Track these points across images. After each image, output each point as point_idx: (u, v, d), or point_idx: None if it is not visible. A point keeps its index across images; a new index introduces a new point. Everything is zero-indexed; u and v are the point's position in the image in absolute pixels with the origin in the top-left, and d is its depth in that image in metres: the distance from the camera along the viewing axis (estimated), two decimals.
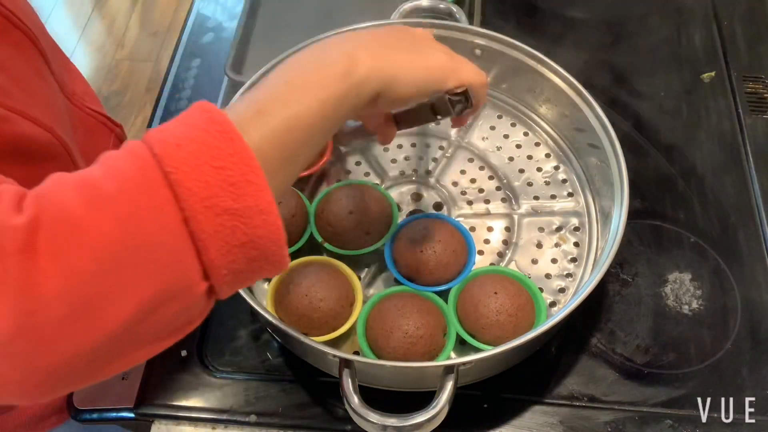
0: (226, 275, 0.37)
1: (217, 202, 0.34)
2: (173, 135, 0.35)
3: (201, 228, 0.34)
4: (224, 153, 0.35)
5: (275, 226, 0.37)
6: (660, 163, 0.75)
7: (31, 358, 0.32)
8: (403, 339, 0.55)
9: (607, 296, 0.66)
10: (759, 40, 0.86)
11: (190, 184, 0.34)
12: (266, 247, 0.37)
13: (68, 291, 0.32)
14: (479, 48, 0.72)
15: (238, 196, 0.35)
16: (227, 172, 0.35)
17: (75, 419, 0.63)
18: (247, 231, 0.36)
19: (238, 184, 0.35)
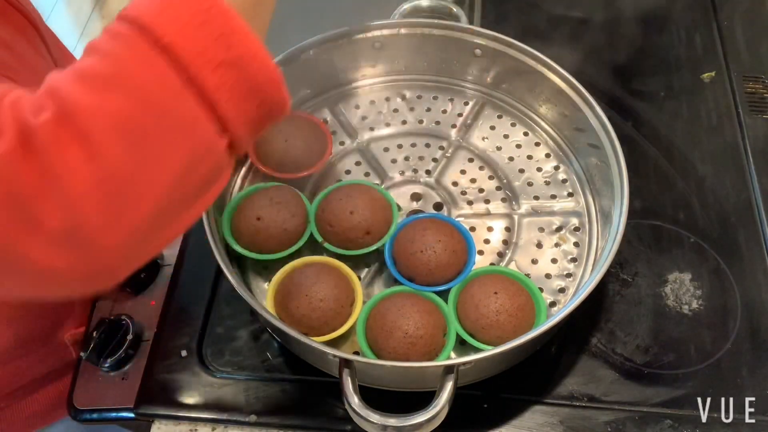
0: (242, 124, 0.38)
1: (210, 56, 0.35)
2: (148, 5, 0.36)
3: (204, 84, 0.36)
4: (201, 9, 0.36)
5: (271, 68, 0.38)
6: (660, 163, 0.75)
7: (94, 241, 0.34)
8: (403, 339, 0.55)
9: (607, 296, 0.66)
10: (759, 40, 0.86)
11: (181, 44, 0.35)
12: (269, 90, 0.39)
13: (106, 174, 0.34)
14: (479, 48, 0.72)
15: (228, 47, 0.36)
16: (210, 26, 0.36)
17: (75, 419, 0.63)
18: (247, 78, 0.37)
19: (225, 35, 0.36)
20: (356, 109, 0.76)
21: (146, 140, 0.35)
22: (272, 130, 0.68)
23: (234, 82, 0.37)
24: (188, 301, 0.67)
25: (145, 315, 0.66)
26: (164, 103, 0.35)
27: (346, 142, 0.74)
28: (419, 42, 0.74)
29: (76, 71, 0.35)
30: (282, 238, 0.62)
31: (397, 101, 0.76)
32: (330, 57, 0.73)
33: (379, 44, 0.74)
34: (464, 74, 0.76)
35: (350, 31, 0.72)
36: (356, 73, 0.77)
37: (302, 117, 0.71)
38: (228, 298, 0.67)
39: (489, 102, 0.76)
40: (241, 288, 0.55)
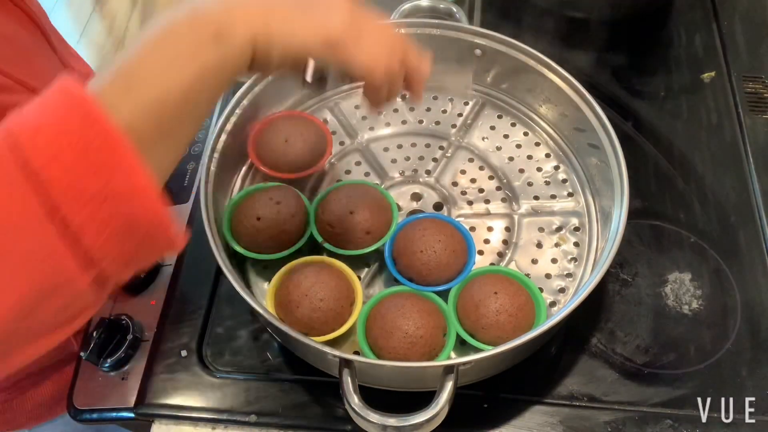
0: (113, 262, 0.35)
1: (83, 188, 0.32)
2: (32, 121, 0.33)
3: (70, 217, 0.32)
4: (87, 137, 0.32)
5: (154, 206, 0.34)
6: (660, 163, 0.75)
7: None
8: (403, 339, 0.55)
9: (607, 296, 0.66)
10: (759, 40, 0.86)
11: (50, 173, 0.32)
12: (149, 229, 0.35)
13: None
14: (479, 48, 0.72)
15: (107, 180, 0.33)
16: (91, 155, 0.32)
17: (75, 419, 0.63)
18: (124, 214, 0.34)
19: (105, 167, 0.33)
20: (356, 109, 0.76)
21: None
22: (272, 130, 0.68)
23: (107, 217, 0.33)
24: (188, 301, 0.67)
25: (145, 315, 0.66)
26: (20, 229, 0.32)
27: (346, 142, 0.74)
28: (419, 42, 0.73)
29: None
30: (282, 238, 0.62)
31: (397, 101, 0.76)
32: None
33: None
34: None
35: None
36: None
37: (302, 117, 0.71)
38: (228, 298, 0.67)
39: (489, 102, 0.75)
40: (241, 288, 0.55)
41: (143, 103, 0.36)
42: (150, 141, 0.36)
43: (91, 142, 0.32)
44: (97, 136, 0.32)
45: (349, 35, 0.42)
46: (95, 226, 0.33)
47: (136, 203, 0.34)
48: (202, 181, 0.61)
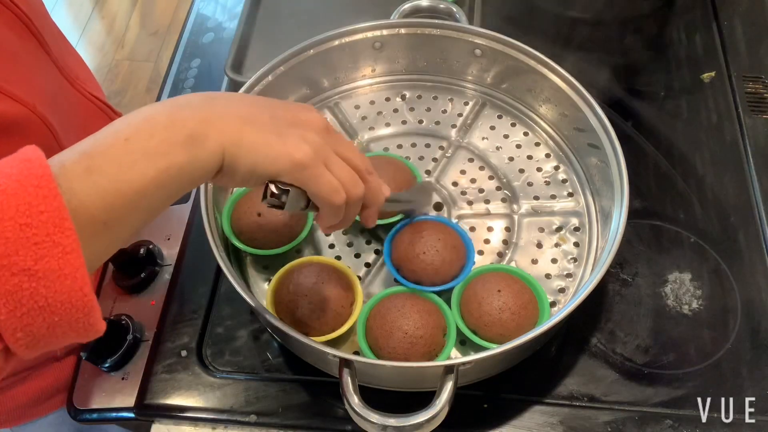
0: (22, 338, 0.34)
1: (15, 261, 0.32)
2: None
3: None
4: (34, 210, 0.33)
5: (80, 293, 0.34)
6: (660, 163, 0.75)
7: None
8: (403, 339, 0.55)
9: (607, 296, 0.66)
10: (759, 40, 0.86)
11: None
12: (68, 314, 0.34)
13: None
14: (479, 48, 0.72)
15: (39, 258, 0.33)
16: (32, 230, 0.32)
17: (75, 419, 0.63)
18: (46, 294, 0.33)
19: (42, 245, 0.33)
20: (356, 109, 0.76)
21: None
22: None
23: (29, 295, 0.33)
24: (188, 301, 0.67)
25: (145, 315, 0.66)
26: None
27: None
28: (419, 42, 0.74)
29: None
30: (283, 233, 0.62)
31: (397, 101, 0.76)
32: (330, 57, 0.73)
33: (379, 44, 0.74)
34: (464, 74, 0.76)
35: (350, 31, 0.72)
36: (356, 73, 0.77)
37: None
38: (228, 298, 0.67)
39: (489, 102, 0.76)
40: (241, 288, 0.55)
41: (100, 190, 0.36)
42: (94, 228, 0.36)
43: (37, 216, 0.33)
44: (45, 212, 0.33)
45: (317, 162, 0.44)
46: (16, 299, 0.33)
47: (62, 285, 0.33)
48: None
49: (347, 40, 0.73)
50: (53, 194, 0.33)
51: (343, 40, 0.72)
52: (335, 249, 0.66)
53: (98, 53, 2.04)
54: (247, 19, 0.85)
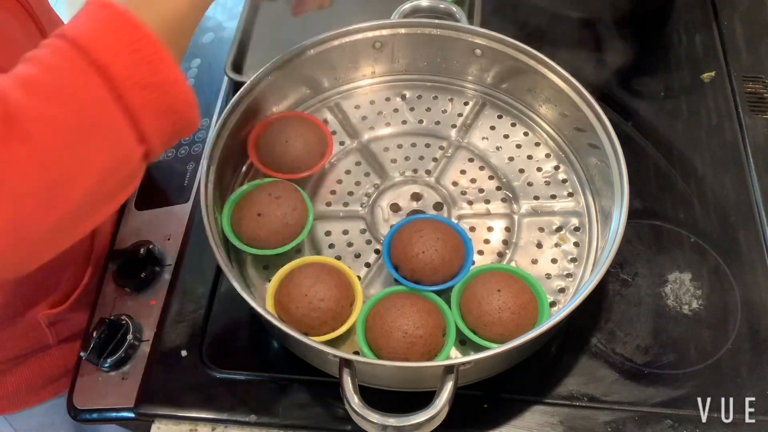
0: (158, 138, 0.44)
1: (139, 78, 0.41)
2: (88, 30, 0.41)
3: (131, 101, 0.41)
4: (134, 38, 0.41)
5: (188, 92, 0.44)
6: (660, 163, 0.75)
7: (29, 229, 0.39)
8: (403, 339, 0.55)
9: (607, 296, 0.66)
10: (759, 40, 0.86)
11: (115, 66, 0.40)
12: (184, 111, 0.44)
13: (44, 170, 0.38)
14: (479, 48, 0.72)
15: (155, 72, 0.41)
16: (141, 53, 0.41)
17: (75, 419, 0.63)
18: (167, 99, 0.43)
19: (152, 62, 0.41)
20: (356, 109, 0.76)
21: (79, 144, 0.40)
22: (273, 130, 0.68)
23: (156, 102, 0.42)
24: (188, 301, 0.67)
25: (145, 315, 0.66)
26: (95, 115, 0.40)
27: (346, 142, 0.74)
28: (419, 42, 0.74)
29: (19, 79, 0.39)
30: (284, 233, 0.62)
31: (397, 101, 0.76)
32: (330, 57, 0.73)
33: (379, 44, 0.74)
34: (464, 74, 0.76)
35: (350, 31, 0.72)
36: (356, 73, 0.77)
37: (302, 117, 0.71)
38: (228, 298, 0.67)
39: (489, 102, 0.75)
40: (241, 288, 0.55)
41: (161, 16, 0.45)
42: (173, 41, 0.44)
43: (137, 42, 0.41)
44: (142, 38, 0.41)
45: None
46: (150, 108, 0.42)
47: (176, 89, 0.43)
48: (202, 181, 0.61)
49: (347, 40, 0.73)
50: (141, 25, 0.41)
51: (343, 40, 0.72)
52: (335, 249, 0.66)
53: None
54: (247, 19, 0.85)
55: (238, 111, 0.67)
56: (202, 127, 0.78)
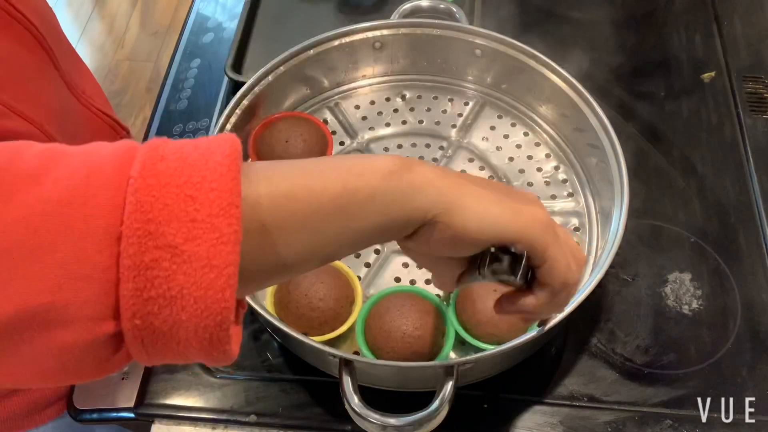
0: (138, 327, 0.28)
1: (164, 231, 0.27)
2: (170, 147, 0.29)
3: (130, 253, 0.27)
4: (206, 185, 0.28)
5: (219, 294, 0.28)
6: (660, 163, 0.75)
7: None
8: (402, 339, 0.55)
9: (607, 296, 0.66)
10: (759, 40, 0.86)
11: (145, 198, 0.27)
12: (198, 316, 0.28)
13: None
14: (479, 48, 0.72)
15: (191, 237, 0.27)
16: (195, 205, 0.28)
17: (75, 419, 0.63)
18: (182, 282, 0.27)
19: (199, 223, 0.27)
20: (356, 109, 0.76)
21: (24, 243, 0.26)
22: (273, 130, 0.68)
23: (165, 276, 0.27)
24: None
25: None
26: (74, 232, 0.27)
27: (346, 142, 0.74)
28: (419, 42, 0.74)
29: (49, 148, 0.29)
30: None
31: (397, 101, 0.76)
32: (330, 57, 0.73)
33: (379, 44, 0.74)
34: (464, 74, 0.76)
35: (350, 31, 0.72)
36: (356, 73, 0.77)
37: (302, 117, 0.71)
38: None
39: (489, 102, 0.75)
40: None
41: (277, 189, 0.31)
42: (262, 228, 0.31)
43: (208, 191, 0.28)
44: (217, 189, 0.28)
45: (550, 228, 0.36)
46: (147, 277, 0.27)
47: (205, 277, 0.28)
48: None
49: (347, 40, 0.73)
50: (232, 176, 0.28)
51: (343, 40, 0.72)
52: None
53: (98, 53, 2.04)
54: (247, 19, 0.85)
55: (238, 111, 0.67)
56: (201, 128, 0.78)
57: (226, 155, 0.29)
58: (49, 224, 0.27)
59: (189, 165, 0.28)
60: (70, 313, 0.27)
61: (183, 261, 0.27)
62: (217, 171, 0.28)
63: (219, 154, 0.29)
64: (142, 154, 0.29)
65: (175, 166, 0.28)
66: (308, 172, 0.32)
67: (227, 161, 0.29)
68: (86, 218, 0.27)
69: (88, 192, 0.27)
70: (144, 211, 0.27)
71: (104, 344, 0.28)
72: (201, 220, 0.27)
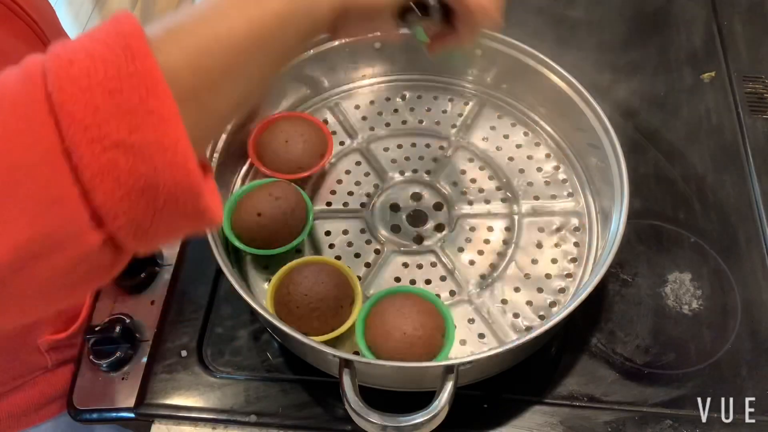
0: (124, 226, 0.30)
1: (106, 132, 0.28)
2: (71, 48, 0.29)
3: (84, 163, 0.28)
4: (123, 72, 0.28)
5: (183, 169, 0.29)
6: (660, 163, 0.75)
7: None
8: (402, 339, 0.55)
9: (607, 296, 0.66)
10: (759, 40, 0.86)
11: (74, 108, 0.28)
12: (173, 195, 0.30)
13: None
14: (479, 48, 0.72)
15: (134, 127, 0.28)
16: (123, 95, 0.28)
17: (75, 419, 0.63)
18: (145, 172, 0.29)
19: (135, 112, 0.28)
20: (356, 109, 0.76)
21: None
22: (273, 130, 0.68)
23: (126, 171, 0.28)
24: (188, 301, 0.67)
25: (145, 315, 0.66)
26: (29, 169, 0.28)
27: (346, 142, 0.74)
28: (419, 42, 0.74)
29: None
30: (284, 233, 0.62)
31: (397, 101, 0.76)
32: (330, 57, 0.73)
33: (379, 44, 0.74)
34: (464, 74, 0.76)
35: None
36: (356, 73, 0.77)
37: (302, 117, 0.71)
38: (228, 298, 0.67)
39: (489, 102, 0.75)
40: (241, 288, 0.55)
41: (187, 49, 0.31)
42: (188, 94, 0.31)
43: (127, 79, 0.28)
44: (135, 74, 0.28)
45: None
46: (112, 178, 0.28)
47: (164, 159, 0.29)
48: None
49: (347, 40, 0.73)
50: (144, 53, 0.29)
51: (343, 40, 0.72)
52: (335, 249, 0.66)
53: None
54: None
55: None
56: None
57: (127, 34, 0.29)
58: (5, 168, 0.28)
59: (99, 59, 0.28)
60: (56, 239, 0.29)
61: (136, 152, 0.28)
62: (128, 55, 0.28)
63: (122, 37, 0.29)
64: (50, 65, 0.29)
65: (87, 65, 0.28)
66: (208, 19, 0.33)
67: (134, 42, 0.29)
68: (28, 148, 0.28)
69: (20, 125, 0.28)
70: (78, 120, 0.28)
71: (101, 251, 0.30)
72: (134, 109, 0.28)
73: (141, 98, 0.28)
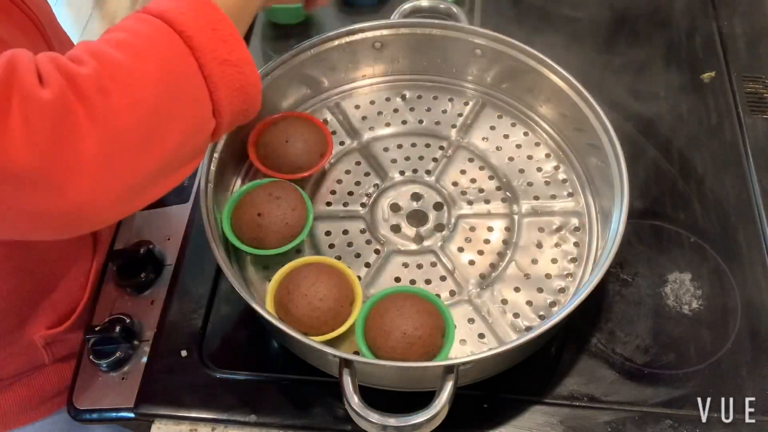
0: (229, 116, 0.47)
1: (218, 54, 0.45)
2: (171, 7, 0.44)
3: (212, 73, 0.45)
4: (213, 19, 0.45)
5: (257, 75, 0.48)
6: (660, 163, 0.75)
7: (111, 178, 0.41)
8: (402, 339, 0.55)
9: (607, 296, 0.66)
10: (759, 40, 0.86)
11: (198, 38, 0.44)
12: (253, 93, 0.48)
13: (141, 119, 0.41)
14: (479, 48, 0.72)
15: (231, 50, 0.45)
16: (220, 33, 0.45)
17: (75, 419, 0.63)
18: (240, 78, 0.46)
19: (229, 41, 0.45)
20: (356, 109, 0.76)
21: (169, 100, 0.43)
22: (273, 130, 0.68)
23: (231, 78, 0.46)
24: (188, 301, 0.67)
25: (145, 315, 0.66)
26: (183, 78, 0.44)
27: (346, 142, 0.74)
28: (419, 42, 0.74)
29: (111, 41, 0.43)
30: (284, 233, 0.62)
31: (397, 101, 0.76)
32: (330, 57, 0.73)
33: (379, 44, 0.74)
34: (464, 74, 0.76)
35: (350, 31, 0.72)
36: (356, 73, 0.77)
37: (302, 117, 0.71)
38: (228, 298, 0.67)
39: (489, 102, 0.75)
40: (241, 288, 0.55)
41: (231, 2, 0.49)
42: None
43: (216, 23, 0.45)
44: (221, 20, 0.45)
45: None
46: (226, 82, 0.45)
47: (248, 69, 0.47)
48: (202, 181, 0.61)
49: (347, 40, 0.73)
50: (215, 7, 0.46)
51: (343, 40, 0.72)
52: (335, 249, 0.66)
53: None
54: None
55: None
56: None
57: None
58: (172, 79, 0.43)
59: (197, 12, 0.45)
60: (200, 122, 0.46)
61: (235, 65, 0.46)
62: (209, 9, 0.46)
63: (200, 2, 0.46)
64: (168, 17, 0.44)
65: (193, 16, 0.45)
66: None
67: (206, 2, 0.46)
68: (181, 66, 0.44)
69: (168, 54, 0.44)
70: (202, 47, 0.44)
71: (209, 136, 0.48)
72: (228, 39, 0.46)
73: (229, 33, 0.46)
